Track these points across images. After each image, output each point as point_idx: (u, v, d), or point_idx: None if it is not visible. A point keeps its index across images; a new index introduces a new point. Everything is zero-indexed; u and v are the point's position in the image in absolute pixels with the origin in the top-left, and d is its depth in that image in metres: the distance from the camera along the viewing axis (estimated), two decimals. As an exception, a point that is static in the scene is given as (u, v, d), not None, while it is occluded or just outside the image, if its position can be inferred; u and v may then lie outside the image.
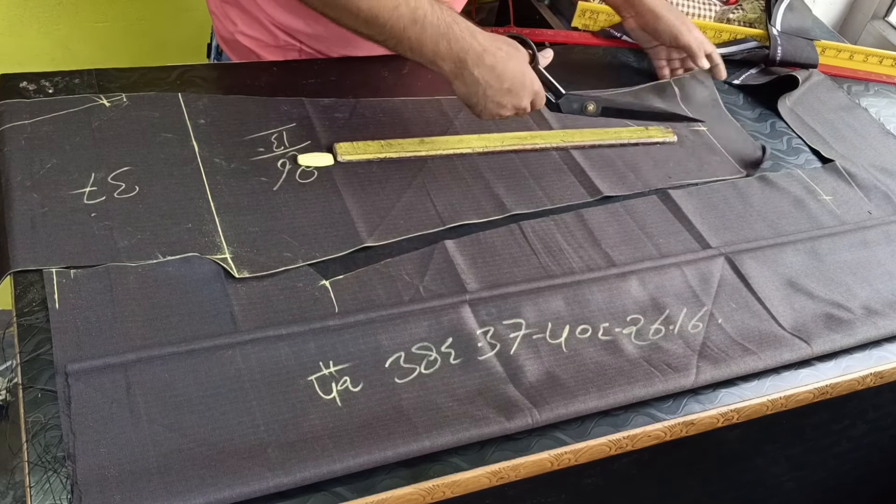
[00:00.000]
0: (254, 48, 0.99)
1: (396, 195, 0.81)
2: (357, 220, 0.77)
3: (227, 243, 0.72)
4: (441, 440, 0.61)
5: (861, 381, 0.76)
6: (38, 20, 1.30)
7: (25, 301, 0.64)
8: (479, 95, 0.79)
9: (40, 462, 0.55)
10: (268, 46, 0.98)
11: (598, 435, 0.65)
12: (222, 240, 0.72)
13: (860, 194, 0.96)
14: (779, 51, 1.13)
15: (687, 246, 0.83)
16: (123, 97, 0.83)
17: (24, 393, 0.58)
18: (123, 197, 0.74)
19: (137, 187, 0.75)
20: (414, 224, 0.79)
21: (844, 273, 0.84)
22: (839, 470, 1.01)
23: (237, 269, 0.70)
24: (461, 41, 0.77)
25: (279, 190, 0.78)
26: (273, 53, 0.99)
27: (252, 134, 0.84)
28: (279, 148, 0.83)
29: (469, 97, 0.80)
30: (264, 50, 0.99)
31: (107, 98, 0.83)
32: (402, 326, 0.69)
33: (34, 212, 0.70)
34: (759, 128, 1.04)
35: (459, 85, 0.79)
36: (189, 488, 0.55)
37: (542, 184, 0.87)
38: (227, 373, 0.62)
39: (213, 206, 0.75)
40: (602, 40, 1.15)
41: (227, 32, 1.00)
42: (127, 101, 0.83)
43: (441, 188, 0.83)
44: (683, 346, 0.73)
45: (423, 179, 0.84)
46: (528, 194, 0.85)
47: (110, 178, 0.75)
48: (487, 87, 0.78)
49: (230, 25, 0.99)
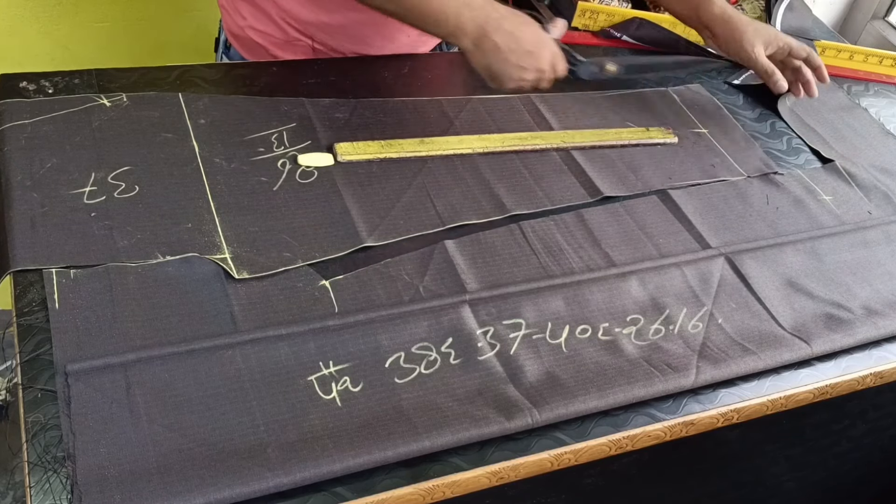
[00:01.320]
0: (264, 44, 0.98)
1: (396, 195, 0.81)
2: (357, 220, 0.77)
3: (226, 243, 0.72)
4: (441, 440, 0.61)
5: (861, 381, 0.76)
6: (38, 20, 1.30)
7: (25, 301, 0.64)
8: (500, 62, 0.80)
9: (40, 462, 0.55)
10: (278, 42, 0.98)
11: (598, 435, 0.65)
12: (222, 240, 0.72)
13: (860, 194, 0.96)
14: (779, 51, 1.13)
15: (687, 246, 0.83)
16: (124, 97, 0.83)
17: (24, 393, 0.58)
18: (123, 197, 0.74)
19: (137, 187, 0.75)
20: (414, 224, 0.79)
21: (844, 273, 0.84)
22: (839, 470, 1.01)
23: (237, 269, 0.70)
24: (481, 9, 0.79)
25: (279, 190, 0.78)
26: (283, 49, 0.99)
27: (252, 134, 0.84)
28: (279, 148, 0.83)
29: (490, 66, 0.81)
30: (274, 45, 0.98)
31: (107, 98, 0.83)
32: (402, 326, 0.69)
33: (34, 211, 0.70)
34: (759, 128, 1.04)
35: (479, 56, 0.81)
36: (189, 488, 0.55)
37: (542, 184, 0.87)
38: (227, 373, 0.62)
39: (213, 206, 0.75)
40: (602, 40, 1.15)
41: (237, 27, 1.00)
42: (127, 100, 0.83)
43: (441, 188, 0.83)
44: (683, 346, 0.73)
45: (424, 180, 0.84)
46: (529, 195, 0.85)
47: (110, 178, 0.75)
48: (509, 52, 0.80)
49: (240, 20, 0.98)
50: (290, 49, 0.98)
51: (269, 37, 0.98)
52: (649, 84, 1.04)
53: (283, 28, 0.96)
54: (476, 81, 0.92)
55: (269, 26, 0.97)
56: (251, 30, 0.98)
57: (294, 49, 0.99)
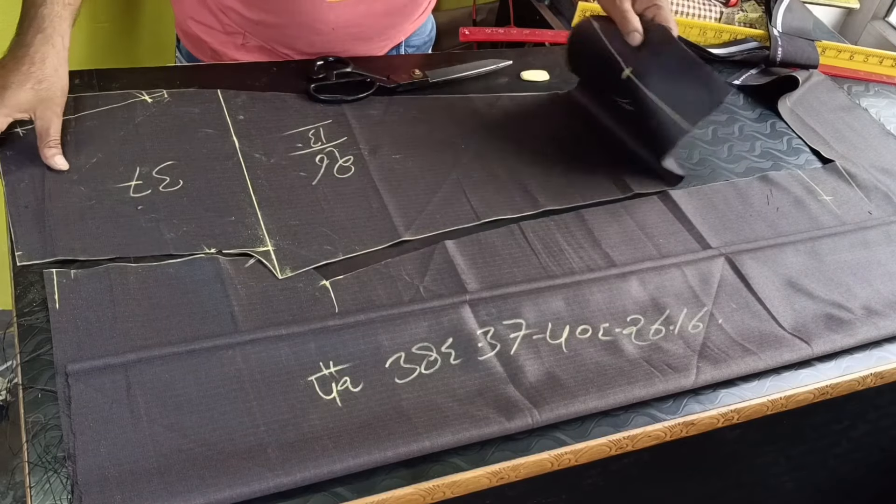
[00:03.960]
0: (202, 35, 0.98)
1: (432, 190, 0.83)
2: (394, 214, 0.79)
3: (269, 236, 0.74)
4: (441, 440, 0.61)
5: (861, 381, 0.76)
6: (39, 20, 1.30)
7: (25, 301, 0.64)
8: None
9: (40, 462, 0.55)
10: (214, 31, 0.98)
11: (598, 435, 0.65)
12: (265, 232, 0.74)
13: (860, 194, 0.96)
14: (779, 51, 1.13)
15: (687, 246, 0.83)
16: (164, 93, 0.85)
17: (24, 393, 0.58)
18: (168, 190, 0.76)
19: (181, 181, 0.77)
20: (450, 219, 0.80)
21: (845, 273, 0.84)
22: (839, 470, 1.01)
23: (280, 267, 0.71)
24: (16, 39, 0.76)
25: (318, 185, 0.80)
26: (219, 40, 0.98)
27: (290, 130, 0.85)
28: (316, 144, 0.85)
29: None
30: (211, 36, 0.98)
31: (148, 94, 0.85)
32: (403, 327, 0.69)
33: (83, 204, 0.72)
34: (759, 128, 1.04)
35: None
36: (189, 488, 0.55)
37: (572, 180, 0.88)
38: (227, 373, 0.62)
39: (255, 200, 0.77)
40: (602, 40, 1.15)
41: (181, 19, 1.00)
42: (168, 97, 0.85)
43: (475, 184, 0.85)
44: (683, 347, 0.73)
45: (458, 175, 0.85)
46: (560, 191, 0.86)
47: (155, 172, 0.77)
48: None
49: (182, 11, 0.99)
50: (227, 40, 0.98)
51: (206, 27, 0.98)
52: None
53: (218, 16, 0.96)
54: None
55: (206, 16, 0.97)
56: (192, 21, 0.98)
57: (233, 39, 0.98)
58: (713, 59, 1.14)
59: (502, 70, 1.02)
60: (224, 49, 0.99)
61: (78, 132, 0.79)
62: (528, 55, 1.09)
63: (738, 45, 1.15)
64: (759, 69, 1.14)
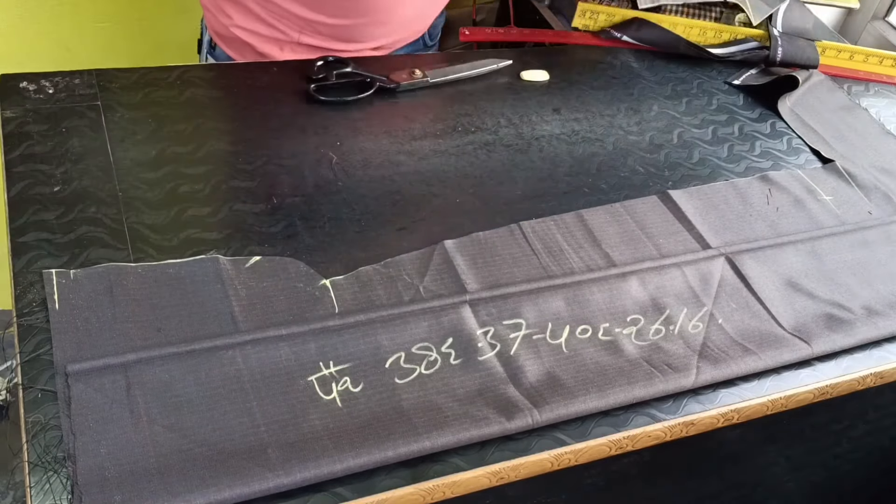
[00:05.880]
0: (251, 41, 0.98)
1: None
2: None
3: None
4: (441, 440, 0.61)
5: (861, 381, 0.76)
6: (38, 20, 1.30)
7: (25, 301, 0.64)
8: None
9: (40, 462, 0.55)
10: (265, 39, 0.98)
11: (598, 435, 0.65)
12: None
13: (860, 194, 0.96)
14: (779, 51, 1.13)
15: (687, 246, 0.83)
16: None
17: (24, 393, 0.58)
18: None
19: None
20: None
21: (845, 273, 0.84)
22: (839, 470, 1.01)
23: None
24: None
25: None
26: (270, 46, 0.98)
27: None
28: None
29: None
30: (261, 43, 0.98)
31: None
32: (402, 327, 0.69)
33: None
34: (759, 128, 1.04)
35: None
36: (189, 488, 0.55)
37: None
38: (227, 373, 0.62)
39: None
40: (602, 40, 1.15)
41: (221, 27, 1.00)
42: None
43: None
44: (684, 347, 0.73)
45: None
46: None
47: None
48: None
49: (225, 19, 0.98)
50: (277, 46, 0.98)
51: (257, 35, 0.98)
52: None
53: (270, 23, 0.96)
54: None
55: (256, 24, 0.97)
56: (238, 28, 0.98)
57: (282, 46, 0.98)
58: (713, 59, 1.14)
59: (502, 70, 1.02)
60: (269, 50, 0.99)
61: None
62: (528, 55, 1.09)
63: (738, 44, 1.15)
64: (759, 69, 1.15)
